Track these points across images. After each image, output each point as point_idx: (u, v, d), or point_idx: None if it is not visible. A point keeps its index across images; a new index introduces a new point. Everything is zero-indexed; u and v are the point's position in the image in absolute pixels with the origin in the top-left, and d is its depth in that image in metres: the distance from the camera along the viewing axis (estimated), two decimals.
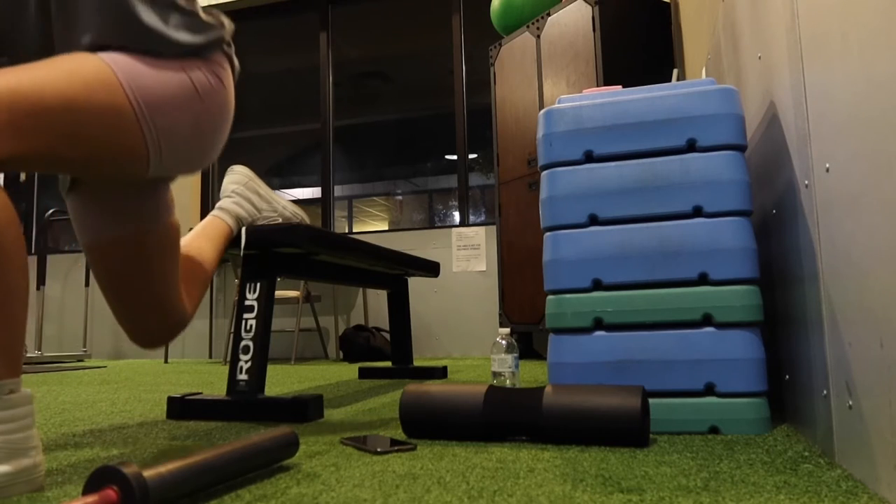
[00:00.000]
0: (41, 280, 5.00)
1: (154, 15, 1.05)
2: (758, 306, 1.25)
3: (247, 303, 1.68)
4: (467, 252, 4.50)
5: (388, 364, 3.71)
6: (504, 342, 1.82)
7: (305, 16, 5.39)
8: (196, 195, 5.33)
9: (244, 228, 1.63)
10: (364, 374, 2.76)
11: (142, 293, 1.23)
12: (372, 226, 5.40)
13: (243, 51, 5.55)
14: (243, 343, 1.64)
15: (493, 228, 4.45)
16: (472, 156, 4.84)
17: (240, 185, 1.67)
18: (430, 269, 2.70)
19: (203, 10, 1.15)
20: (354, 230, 5.28)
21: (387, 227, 5.26)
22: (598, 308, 1.33)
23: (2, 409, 0.86)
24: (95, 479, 0.73)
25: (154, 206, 1.22)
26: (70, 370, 3.75)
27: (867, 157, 0.76)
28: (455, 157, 4.88)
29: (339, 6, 5.32)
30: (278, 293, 4.31)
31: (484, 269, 4.47)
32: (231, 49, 1.21)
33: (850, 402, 0.87)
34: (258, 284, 1.69)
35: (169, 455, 1.17)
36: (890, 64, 0.68)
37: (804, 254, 1.09)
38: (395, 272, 2.62)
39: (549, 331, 1.39)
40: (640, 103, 1.37)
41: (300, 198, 5.35)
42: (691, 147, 1.33)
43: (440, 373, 2.64)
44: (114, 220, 1.19)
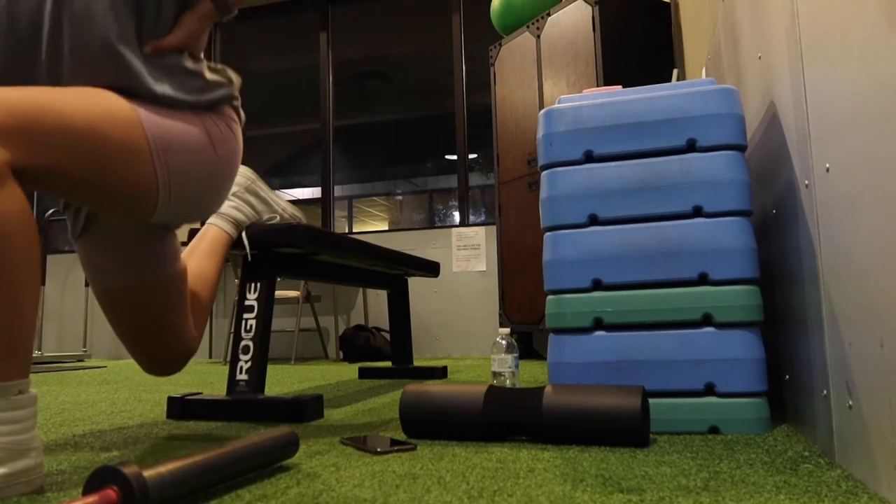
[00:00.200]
0: (41, 280, 5.00)
1: (164, 84, 1.10)
2: (758, 306, 1.25)
3: (247, 303, 1.68)
4: (467, 252, 4.50)
5: (388, 364, 3.71)
6: (504, 342, 1.82)
7: (305, 16, 5.39)
8: None
9: (244, 234, 1.63)
10: (364, 374, 2.76)
11: (152, 334, 1.29)
12: (372, 226, 5.40)
13: (243, 51, 5.55)
14: (243, 343, 1.64)
15: (493, 228, 4.45)
16: (472, 156, 4.84)
17: (241, 187, 1.68)
18: (430, 269, 2.70)
19: (209, 67, 1.19)
20: (354, 230, 5.28)
21: (387, 227, 5.26)
22: (598, 308, 1.33)
23: (8, 410, 0.86)
24: (95, 479, 0.73)
25: (162, 254, 1.27)
26: (70, 370, 3.75)
27: (867, 157, 0.76)
28: (455, 157, 4.88)
29: (339, 6, 5.32)
30: (278, 293, 4.31)
31: (484, 269, 4.47)
32: (238, 102, 1.25)
33: (850, 402, 0.87)
34: (258, 284, 1.69)
35: (169, 455, 1.17)
36: (890, 64, 0.68)
37: (804, 254, 1.09)
38: (395, 272, 2.63)
39: (549, 331, 1.39)
40: (640, 103, 1.37)
41: (300, 198, 5.35)
42: (691, 147, 1.33)
43: (440, 373, 2.64)
44: (124, 269, 1.24)
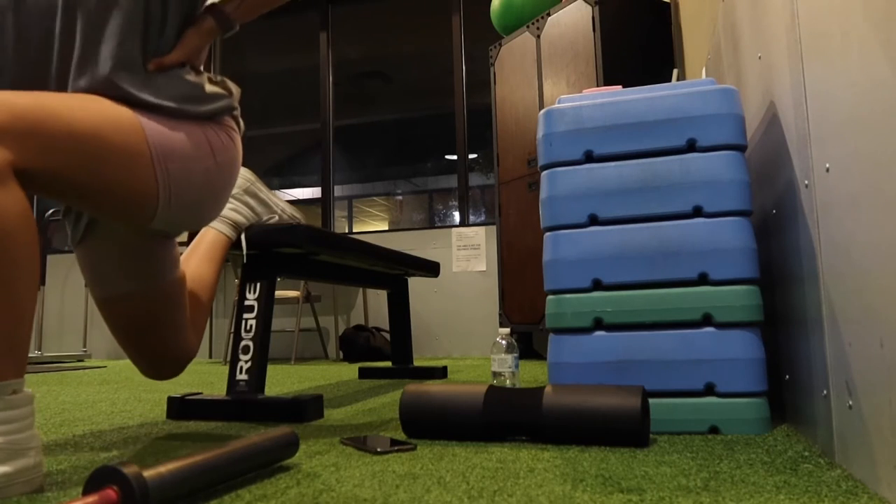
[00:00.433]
0: (41, 280, 5.00)
1: (165, 97, 1.11)
2: (758, 306, 1.25)
3: (247, 303, 1.68)
4: (467, 252, 4.50)
5: (388, 364, 3.71)
6: (504, 342, 1.82)
7: (305, 16, 5.39)
8: None
9: (243, 235, 1.63)
10: (364, 374, 2.76)
11: (151, 339, 1.30)
12: (372, 226, 5.40)
13: (243, 51, 5.55)
14: (243, 343, 1.64)
15: (493, 228, 4.45)
16: (472, 156, 4.84)
17: (239, 189, 1.67)
18: (430, 269, 2.70)
19: (210, 79, 1.20)
20: (354, 230, 5.28)
21: (387, 227, 5.26)
22: (598, 308, 1.33)
23: (4, 410, 0.86)
24: (95, 479, 0.73)
25: (161, 263, 1.28)
26: (70, 370, 3.75)
27: (867, 157, 0.76)
28: (455, 157, 4.88)
29: (339, 6, 5.32)
30: (278, 293, 4.31)
31: (484, 269, 4.47)
32: (237, 112, 1.27)
33: (850, 402, 0.87)
34: (258, 284, 1.69)
35: (169, 455, 1.17)
36: (890, 64, 0.68)
37: (804, 254, 1.09)
38: (395, 272, 2.63)
39: (549, 331, 1.39)
40: (640, 103, 1.37)
41: (300, 198, 5.35)
42: (691, 147, 1.33)
43: (440, 373, 2.64)
44: (124, 276, 1.25)
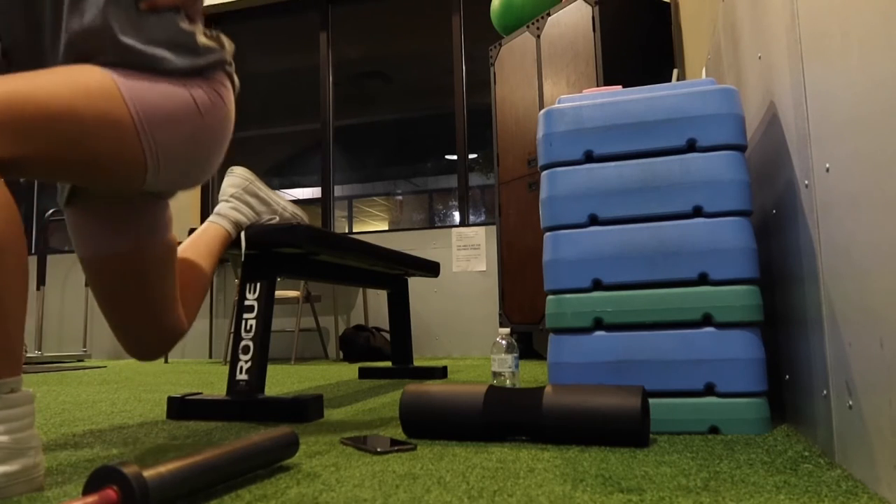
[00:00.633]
0: (41, 280, 5.00)
1: (154, 45, 1.07)
2: (758, 306, 1.25)
3: (247, 303, 1.68)
4: (467, 252, 4.50)
5: (388, 364, 3.71)
6: (504, 342, 1.82)
7: (305, 16, 5.39)
8: (196, 196, 5.33)
9: (243, 233, 1.63)
10: (364, 374, 2.76)
11: (138, 308, 1.25)
12: (372, 226, 5.40)
13: (243, 51, 5.55)
14: (243, 343, 1.64)
15: (493, 228, 4.45)
16: (472, 156, 4.84)
17: (238, 188, 1.66)
18: (430, 269, 2.70)
19: (204, 31, 1.16)
20: (354, 230, 5.28)
21: (387, 227, 5.26)
22: (598, 308, 1.33)
23: (3, 409, 0.86)
24: (95, 479, 0.73)
25: (152, 222, 1.23)
26: (70, 370, 3.75)
27: (867, 157, 0.76)
28: (455, 157, 4.88)
29: (339, 6, 5.32)
30: (278, 293, 4.31)
31: (484, 269, 4.47)
32: (231, 68, 1.22)
33: (850, 402, 0.87)
34: (258, 284, 1.69)
35: (169, 455, 1.17)
36: (890, 64, 0.68)
37: (804, 254, 1.09)
38: (395, 272, 2.62)
39: (549, 331, 1.39)
40: (640, 103, 1.37)
41: (300, 198, 5.35)
42: (691, 147, 1.33)
43: (440, 373, 2.64)
44: (112, 236, 1.20)
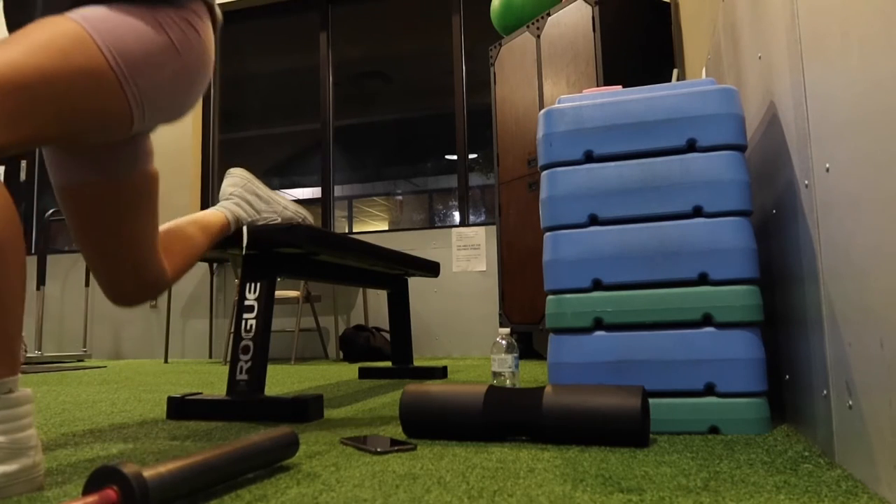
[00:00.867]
0: (41, 280, 5.00)
1: None
2: (758, 306, 1.25)
3: (247, 303, 1.68)
4: (467, 252, 4.50)
5: (388, 364, 3.71)
6: (504, 342, 1.82)
7: (305, 16, 5.39)
8: (196, 195, 5.33)
9: (245, 228, 1.62)
10: (364, 374, 2.76)
11: (115, 241, 1.19)
12: (372, 226, 5.40)
13: (243, 51, 5.55)
14: (243, 343, 1.64)
15: (493, 228, 4.45)
16: (472, 156, 4.84)
17: (238, 187, 1.66)
18: (430, 269, 2.70)
19: None
20: (354, 230, 5.28)
21: (387, 227, 5.26)
22: (598, 308, 1.33)
23: (3, 409, 0.86)
24: (95, 479, 0.73)
25: (132, 153, 1.19)
26: (70, 370, 3.75)
27: (867, 157, 0.76)
28: (455, 157, 4.88)
29: (339, 6, 5.32)
30: (278, 293, 4.31)
31: (484, 269, 4.47)
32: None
33: (850, 402, 0.87)
34: (258, 284, 1.69)
35: (169, 455, 1.17)
36: (890, 64, 0.68)
37: (804, 254, 1.09)
38: (395, 272, 2.62)
39: (549, 331, 1.39)
40: (640, 103, 1.37)
41: (300, 198, 5.35)
42: (691, 147, 1.33)
43: (440, 373, 2.64)
44: (90, 165, 1.15)
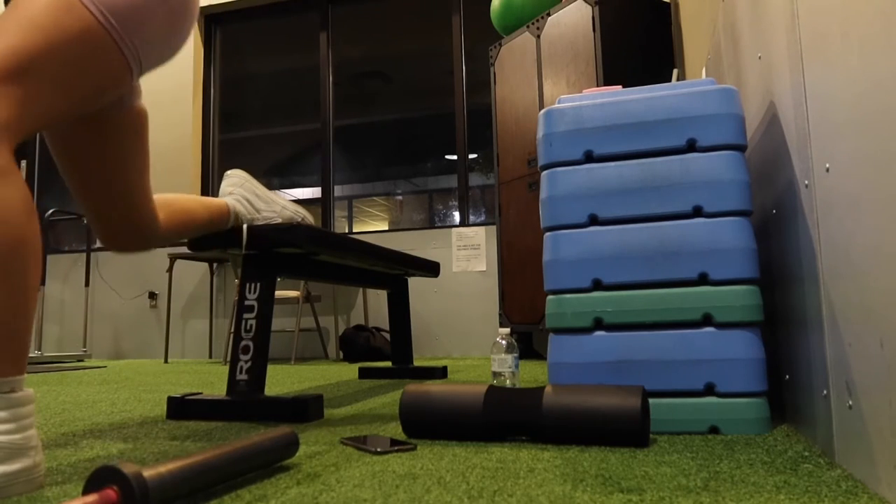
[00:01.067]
0: (41, 280, 5.00)
1: None
2: (758, 306, 1.25)
3: (247, 303, 1.68)
4: (467, 252, 4.50)
5: (388, 364, 3.71)
6: (504, 342, 1.82)
7: (305, 16, 5.39)
8: (196, 195, 5.33)
9: (245, 227, 1.63)
10: (364, 374, 2.76)
11: (107, 180, 1.19)
12: (372, 226, 5.40)
13: (243, 51, 5.55)
14: (243, 343, 1.64)
15: (493, 228, 4.45)
16: (472, 156, 4.84)
17: (237, 186, 1.67)
18: (430, 269, 2.70)
19: None
20: (354, 230, 5.28)
21: (387, 227, 5.26)
22: (598, 308, 1.33)
23: (5, 409, 0.86)
24: (95, 478, 0.73)
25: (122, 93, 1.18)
26: (70, 370, 3.75)
27: (867, 157, 0.76)
28: (455, 157, 4.88)
29: (339, 6, 5.32)
30: (278, 293, 4.31)
31: (484, 269, 4.47)
32: None
33: (850, 402, 0.87)
34: (258, 284, 1.69)
35: (169, 455, 1.17)
36: (890, 64, 0.68)
37: (804, 254, 1.09)
38: (395, 272, 2.62)
39: (549, 331, 1.39)
40: (640, 103, 1.37)
41: (300, 198, 5.35)
42: (691, 147, 1.33)
43: (440, 373, 2.64)
44: None
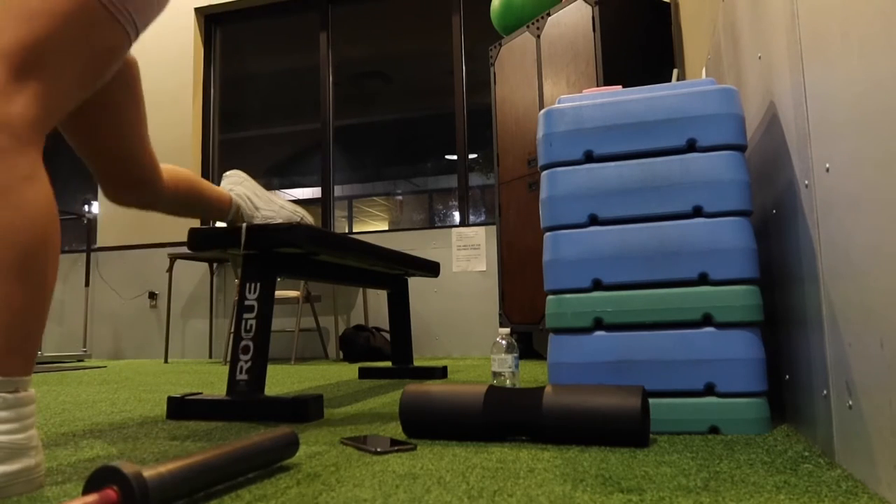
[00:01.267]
0: None
1: None
2: (758, 306, 1.25)
3: (247, 303, 1.68)
4: (467, 252, 4.50)
5: (388, 364, 3.71)
6: (504, 342, 1.82)
7: (305, 16, 5.39)
8: None
9: (244, 226, 1.63)
10: (364, 374, 2.76)
11: (104, 132, 1.21)
12: (372, 226, 5.40)
13: (243, 51, 5.55)
14: (243, 343, 1.64)
15: (493, 228, 4.45)
16: (472, 156, 4.84)
17: (237, 185, 1.68)
18: (430, 269, 2.70)
19: None
20: (354, 230, 5.28)
21: (387, 227, 5.26)
22: (598, 308, 1.33)
23: (7, 408, 0.86)
24: (95, 478, 0.73)
25: None
26: (70, 370, 3.75)
27: (867, 157, 0.76)
28: (455, 157, 4.88)
29: (339, 6, 5.32)
30: (278, 293, 4.30)
31: (484, 269, 4.47)
32: None
33: (850, 402, 0.87)
34: (258, 284, 1.69)
35: (169, 455, 1.17)
36: (890, 64, 0.68)
37: (804, 254, 1.09)
38: (395, 272, 2.62)
39: (549, 331, 1.39)
40: (640, 103, 1.37)
41: (300, 198, 5.35)
42: (691, 147, 1.33)
43: (440, 373, 2.64)
44: None
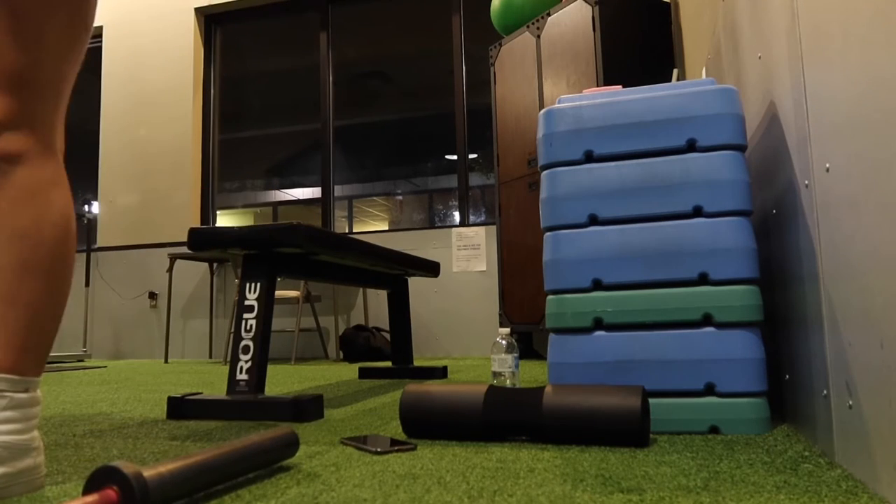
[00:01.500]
0: None
1: None
2: (758, 306, 1.25)
3: (247, 303, 1.68)
4: (467, 252, 4.50)
5: (388, 364, 3.71)
6: (504, 342, 1.82)
7: (305, 16, 5.39)
8: (196, 195, 5.33)
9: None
10: (364, 374, 2.76)
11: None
12: (372, 226, 5.40)
13: (243, 51, 5.55)
14: (243, 343, 1.64)
15: (493, 228, 4.45)
16: (472, 156, 4.84)
17: None
18: (430, 269, 2.70)
19: None
20: (354, 230, 5.28)
21: (387, 227, 5.26)
22: (598, 308, 1.33)
23: (11, 409, 0.86)
24: (95, 478, 0.73)
25: None
26: (70, 370, 3.75)
27: (867, 157, 0.76)
28: (455, 157, 4.88)
29: (339, 6, 5.32)
30: (278, 293, 4.30)
31: (484, 269, 4.47)
32: None
33: (850, 402, 0.87)
34: (258, 284, 1.69)
35: (169, 455, 1.17)
36: (890, 64, 0.68)
37: (804, 254, 1.09)
38: (395, 272, 2.62)
39: (550, 331, 1.39)
40: (640, 103, 1.37)
41: (300, 198, 5.35)
42: (691, 147, 1.33)
43: (440, 373, 2.64)
44: None
